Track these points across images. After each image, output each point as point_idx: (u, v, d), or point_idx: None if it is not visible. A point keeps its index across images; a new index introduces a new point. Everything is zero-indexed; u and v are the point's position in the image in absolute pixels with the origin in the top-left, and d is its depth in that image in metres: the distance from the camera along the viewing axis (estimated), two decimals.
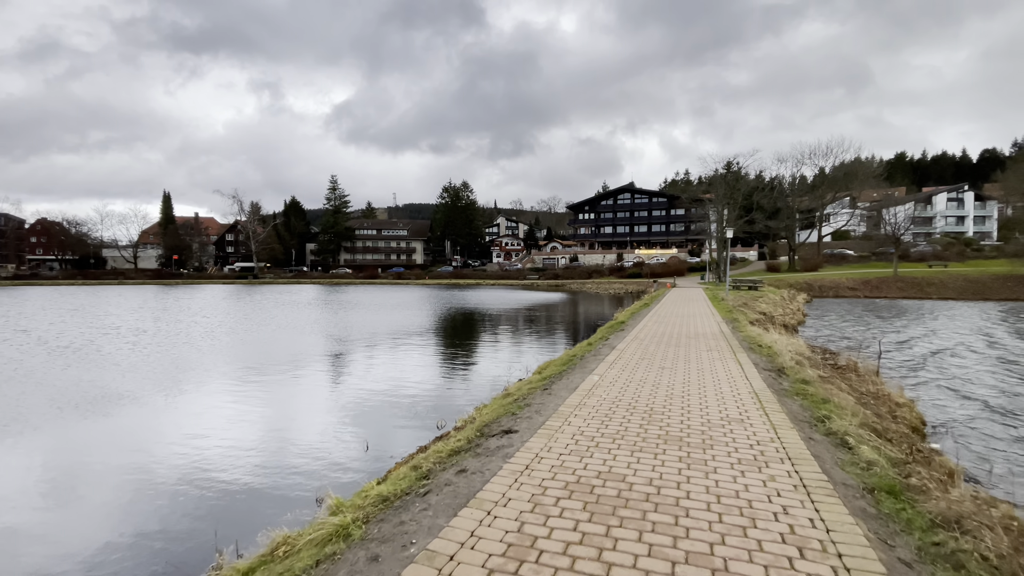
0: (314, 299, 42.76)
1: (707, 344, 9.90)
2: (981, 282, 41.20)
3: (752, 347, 9.66)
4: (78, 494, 6.12)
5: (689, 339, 10.61)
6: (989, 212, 76.46)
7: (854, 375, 8.19)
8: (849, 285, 45.40)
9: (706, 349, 9.22)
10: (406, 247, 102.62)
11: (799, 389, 6.18)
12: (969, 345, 16.86)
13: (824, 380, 7.09)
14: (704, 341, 10.36)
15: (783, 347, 9.42)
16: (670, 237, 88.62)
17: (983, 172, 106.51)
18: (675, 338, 10.81)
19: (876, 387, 7.64)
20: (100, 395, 10.37)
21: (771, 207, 61.65)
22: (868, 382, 7.69)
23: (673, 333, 11.65)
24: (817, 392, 5.92)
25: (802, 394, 5.98)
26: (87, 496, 6.06)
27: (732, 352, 8.87)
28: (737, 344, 9.83)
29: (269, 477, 6.34)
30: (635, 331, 12.09)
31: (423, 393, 10.85)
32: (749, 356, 8.56)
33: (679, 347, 9.44)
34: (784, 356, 8.40)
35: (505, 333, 21.81)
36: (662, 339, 10.67)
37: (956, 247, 65.60)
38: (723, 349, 9.23)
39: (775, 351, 8.96)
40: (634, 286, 58.06)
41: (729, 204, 53.36)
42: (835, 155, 64.30)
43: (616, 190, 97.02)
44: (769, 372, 7.27)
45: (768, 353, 8.90)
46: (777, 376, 7.03)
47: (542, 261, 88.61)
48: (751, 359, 8.23)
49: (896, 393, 7.50)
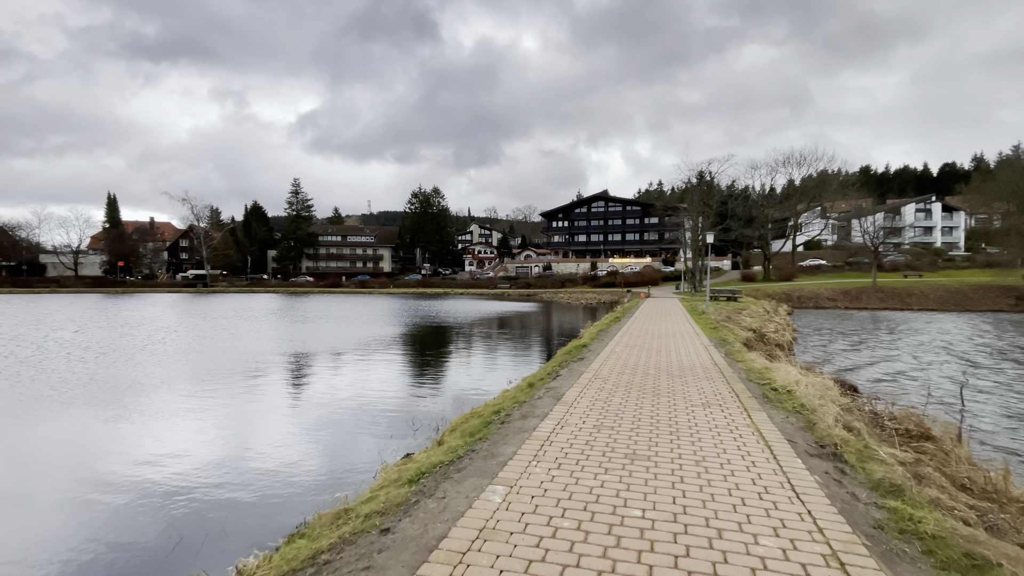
0: (248, 311, 38.45)
1: (699, 388, 6.78)
2: (961, 293, 39.88)
3: (765, 392, 6.58)
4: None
5: (672, 377, 7.48)
6: (956, 223, 77.14)
7: (933, 446, 5.19)
8: (828, 295, 43.68)
9: (699, 399, 6.09)
10: (373, 254, 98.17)
11: (903, 518, 3.04)
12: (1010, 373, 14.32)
13: (915, 475, 4.00)
14: (694, 380, 7.24)
15: (810, 394, 6.37)
16: (644, 246, 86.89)
17: (943, 185, 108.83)
18: (652, 375, 7.67)
19: (975, 472, 4.61)
20: None
21: (746, 215, 60.53)
22: (963, 464, 4.66)
23: (649, 366, 8.51)
24: (953, 539, 2.79)
25: (917, 534, 2.85)
26: None
27: (740, 405, 5.76)
28: (743, 387, 6.74)
29: (195, 507, 5.54)
30: (598, 361, 8.92)
31: (323, 448, 7.44)
32: (769, 413, 5.45)
33: (658, 396, 6.28)
34: (823, 415, 5.33)
35: (437, 359, 18.41)
36: (634, 378, 7.51)
37: (927, 257, 65.46)
38: (725, 399, 6.11)
39: (804, 403, 5.89)
40: (607, 296, 55.47)
41: (703, 212, 51.59)
42: (809, 163, 63.49)
43: (590, 198, 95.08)
44: (818, 458, 4.15)
45: (794, 406, 5.83)
46: (837, 470, 3.90)
47: (515, 269, 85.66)
48: (775, 423, 5.11)
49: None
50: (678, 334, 13.56)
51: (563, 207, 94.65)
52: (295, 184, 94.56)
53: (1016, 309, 36.20)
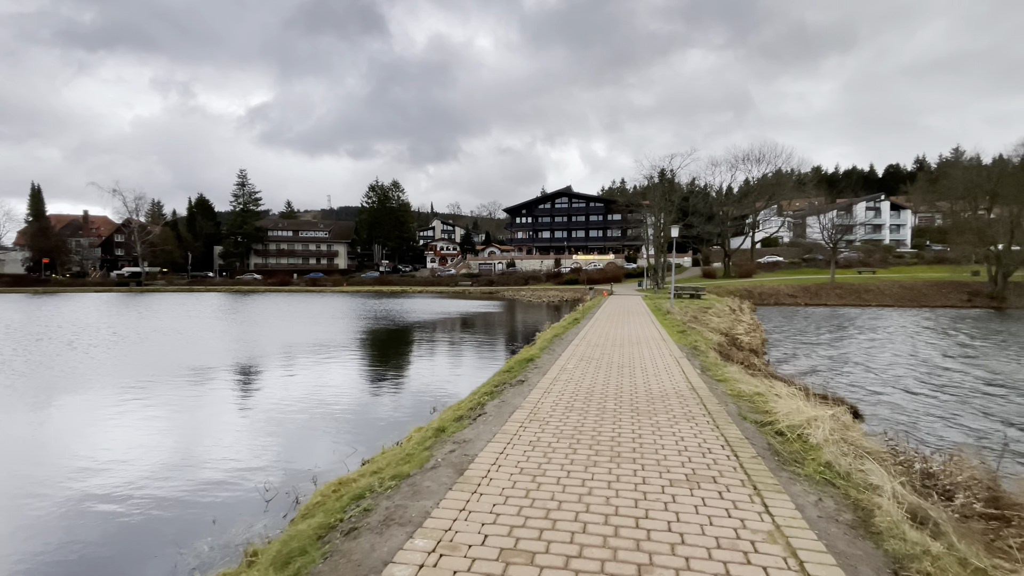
0: (160, 313, 34.58)
1: (676, 437, 4.77)
2: (916, 289, 40.34)
3: (770, 439, 4.63)
4: None
5: (638, 414, 5.44)
6: (903, 221, 79.95)
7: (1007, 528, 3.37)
8: (788, 292, 43.50)
9: (680, 464, 4.06)
10: (327, 251, 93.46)
11: None
12: None
13: None
14: (668, 421, 5.23)
15: (832, 441, 4.45)
16: (607, 243, 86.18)
17: (888, 185, 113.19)
18: (611, 412, 5.62)
19: None
20: None
21: (707, 211, 60.48)
22: None
23: (608, 393, 6.46)
24: None
25: None
26: None
27: (744, 475, 3.74)
28: (736, 433, 4.76)
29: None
30: (543, 385, 6.81)
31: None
32: (791, 491, 3.45)
33: (619, 459, 4.21)
34: (873, 494, 3.38)
35: (362, 372, 16.03)
36: (585, 419, 5.43)
37: (878, 253, 67.18)
38: (719, 460, 4.12)
39: (832, 463, 3.96)
40: (571, 293, 53.97)
41: (666, 209, 50.84)
42: (767, 161, 63.94)
43: (554, 194, 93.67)
44: None
45: (819, 470, 3.88)
46: None
47: (478, 266, 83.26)
48: (807, 518, 3.11)
49: None
50: (643, 341, 11.66)
51: (527, 203, 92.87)
52: (241, 176, 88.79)
53: (969, 305, 36.74)
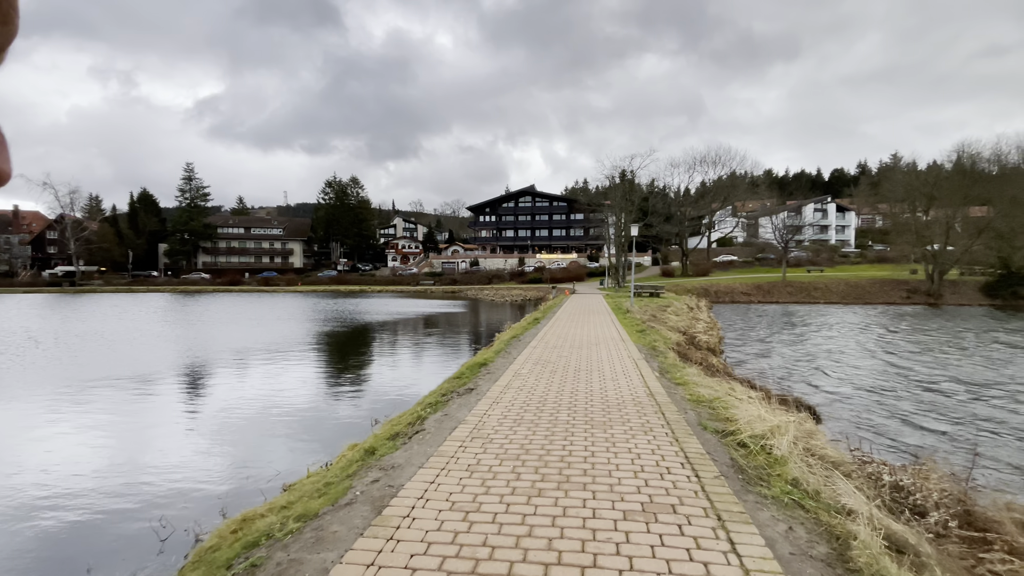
0: (106, 314, 32.04)
1: (633, 454, 4.32)
2: (860, 287, 42.27)
3: (732, 453, 4.23)
4: None
5: (592, 426, 4.96)
6: (848, 222, 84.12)
7: (1003, 547, 3.07)
8: (743, 290, 44.73)
9: (635, 490, 3.59)
10: (282, 248, 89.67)
11: None
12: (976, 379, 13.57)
13: None
14: (624, 435, 4.77)
15: (796, 453, 4.10)
16: (570, 242, 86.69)
17: (834, 188, 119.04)
18: (564, 424, 5.12)
19: None
20: None
21: (665, 212, 61.75)
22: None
23: (562, 402, 5.97)
24: None
25: None
26: None
27: (708, 503, 3.30)
28: (698, 447, 4.34)
29: None
30: (493, 394, 6.24)
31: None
32: (759, 521, 3.03)
33: (567, 485, 3.70)
34: (846, 520, 2.99)
35: (313, 381, 15.13)
36: (534, 433, 4.92)
37: (825, 252, 70.35)
38: (679, 483, 3.68)
39: (799, 480, 3.59)
40: (534, 292, 53.75)
41: (626, 209, 51.47)
42: (723, 163, 65.85)
43: (517, 192, 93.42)
44: None
45: (786, 491, 3.50)
46: None
47: (441, 265, 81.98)
48: (777, 553, 2.67)
49: None
50: (602, 342, 11.30)
51: (490, 201, 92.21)
52: (188, 170, 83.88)
53: (908, 302, 38.82)
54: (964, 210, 42.65)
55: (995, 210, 41.03)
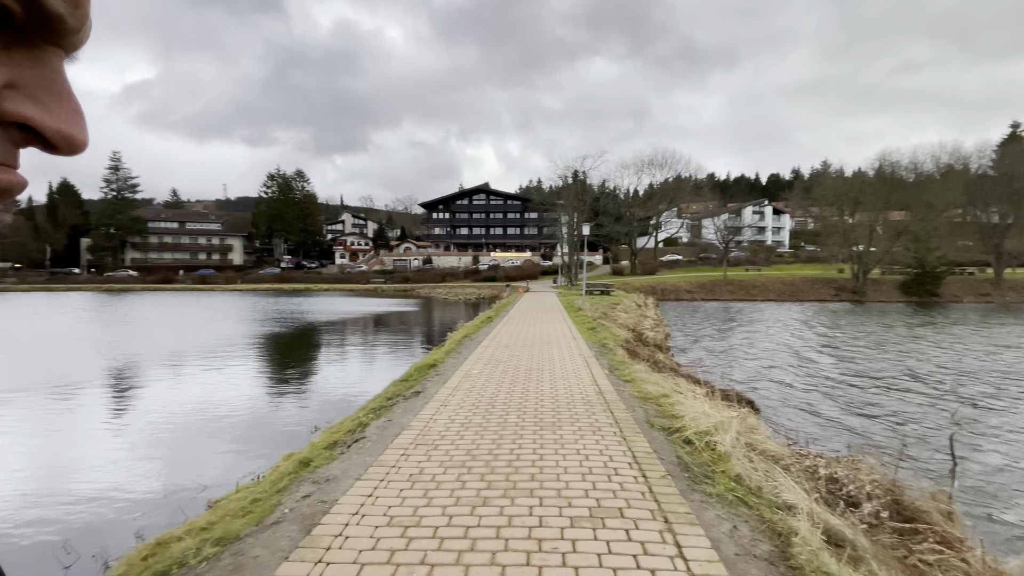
0: (10, 315, 29.11)
1: (581, 456, 4.25)
2: (794, 285, 44.98)
3: (678, 450, 4.25)
4: None
5: (542, 428, 4.85)
6: (783, 224, 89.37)
7: (934, 538, 3.22)
8: (687, 288, 46.50)
9: (583, 493, 3.51)
10: (220, 244, 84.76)
11: None
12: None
13: None
14: (573, 435, 4.70)
15: (739, 447, 4.17)
16: (525, 240, 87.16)
17: (770, 192, 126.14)
18: (512, 427, 5.00)
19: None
20: None
21: (616, 212, 63.31)
22: None
23: (511, 403, 5.84)
24: None
25: None
26: None
27: (655, 504, 3.26)
28: (645, 446, 4.33)
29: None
30: (441, 397, 6.03)
31: None
32: (704, 520, 3.01)
33: (513, 492, 3.57)
34: (788, 516, 3.03)
35: (250, 385, 14.39)
36: (481, 439, 4.77)
37: (762, 253, 74.43)
38: (626, 485, 3.63)
39: (742, 476, 3.63)
40: (488, 290, 53.62)
41: (579, 209, 52.34)
42: (669, 166, 68.23)
43: (472, 190, 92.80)
44: None
45: (729, 488, 3.52)
46: None
47: (393, 263, 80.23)
48: (722, 555, 2.64)
49: None
50: (554, 340, 11.31)
51: (444, 198, 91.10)
52: (114, 159, 77.69)
53: (836, 298, 41.71)
54: (885, 214, 46.33)
55: (912, 214, 44.84)
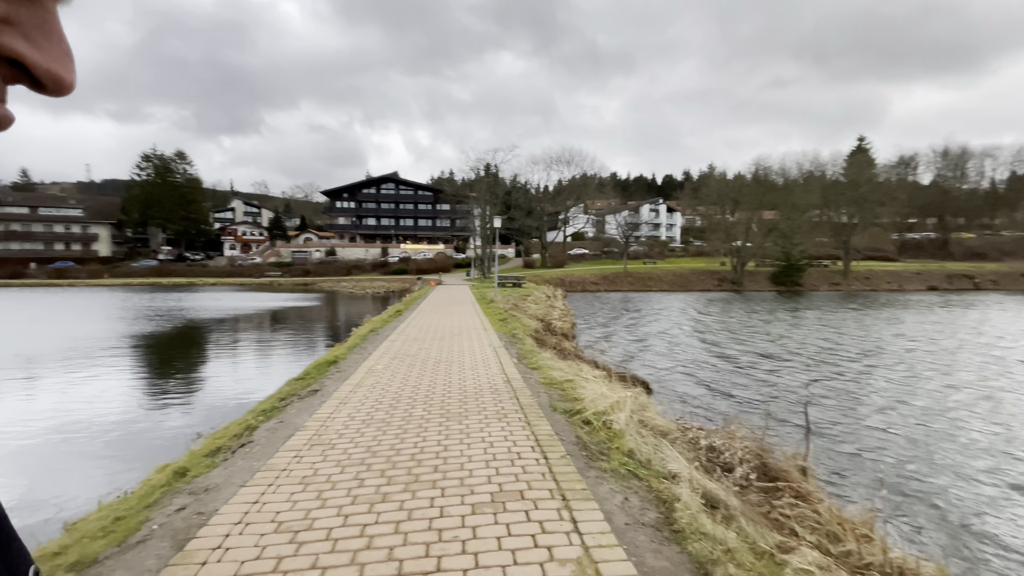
0: None
1: (486, 443, 4.29)
2: (684, 276, 49.19)
3: (578, 431, 4.44)
4: None
5: (448, 419, 4.81)
6: (675, 221, 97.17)
7: (792, 492, 3.70)
8: (592, 280, 48.91)
9: (487, 480, 3.54)
10: (83, 233, 73.34)
11: None
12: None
13: None
14: (479, 423, 4.72)
15: (632, 425, 4.46)
16: (436, 232, 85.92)
17: (665, 191, 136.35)
18: (418, 419, 4.90)
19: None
20: None
21: (527, 206, 64.72)
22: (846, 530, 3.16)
23: (418, 396, 5.73)
24: None
25: None
26: None
27: (555, 484, 3.37)
28: (548, 430, 4.48)
29: None
30: (342, 392, 5.74)
31: None
32: (599, 495, 3.17)
33: (415, 485, 3.51)
34: (672, 484, 3.30)
35: (121, 392, 12.86)
36: (383, 434, 4.63)
37: (657, 247, 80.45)
38: (528, 468, 3.72)
39: (634, 451, 3.87)
40: (399, 284, 52.14)
41: (491, 202, 52.69)
42: (576, 164, 71.06)
43: (380, 178, 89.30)
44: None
45: (623, 463, 3.74)
46: None
47: (291, 254, 74.91)
48: (614, 525, 2.81)
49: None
50: (464, 331, 11.28)
51: (349, 186, 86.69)
52: None
53: (719, 288, 46.33)
54: (759, 213, 52.20)
55: (780, 214, 51.00)
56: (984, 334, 19.14)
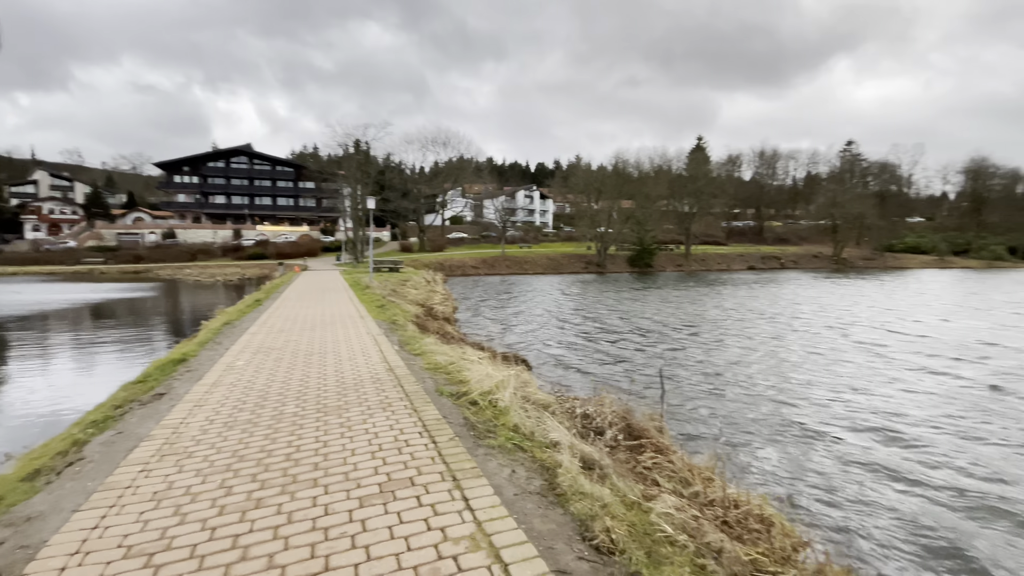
0: None
1: (370, 434, 4.16)
2: (556, 260, 52.17)
3: (465, 412, 4.51)
4: None
5: (325, 412, 4.54)
6: (548, 207, 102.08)
7: (653, 448, 4.21)
8: (472, 264, 49.47)
9: (373, 469, 3.45)
10: None
11: None
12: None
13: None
14: (361, 416, 4.54)
15: (515, 401, 4.68)
16: (300, 212, 79.06)
17: (538, 179, 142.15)
18: (291, 416, 4.55)
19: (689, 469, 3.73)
20: None
21: (402, 188, 62.68)
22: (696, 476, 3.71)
23: (290, 387, 5.30)
24: None
25: None
26: None
27: (445, 467, 3.40)
28: (435, 414, 4.48)
29: None
30: (195, 395, 5.06)
31: None
32: (489, 471, 3.29)
33: (293, 483, 3.28)
34: (555, 453, 3.55)
35: None
36: (251, 433, 4.24)
37: (532, 232, 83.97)
38: (417, 454, 3.70)
39: (518, 425, 4.07)
40: (256, 270, 47.19)
41: (363, 181, 49.91)
42: (452, 146, 70.52)
43: (230, 150, 78.99)
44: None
45: (509, 438, 3.91)
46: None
47: (117, 237, 63.37)
48: (504, 498, 2.95)
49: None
50: (339, 320, 10.66)
51: (191, 158, 75.34)
52: None
53: (586, 271, 50.08)
54: (619, 202, 57.21)
55: (636, 203, 56.54)
56: (786, 302, 23.60)
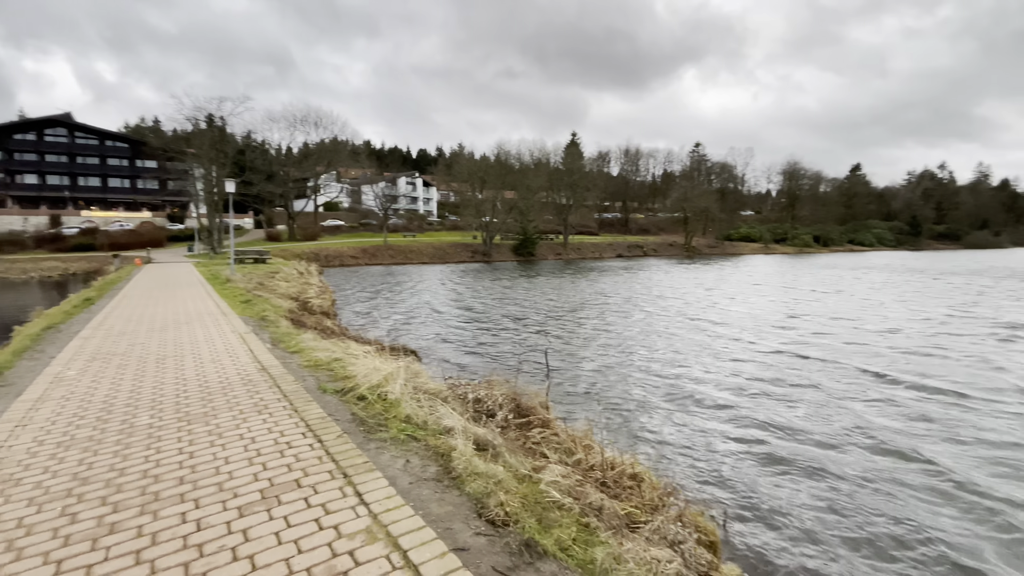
0: None
1: (243, 433, 3.84)
2: (442, 249, 51.79)
3: (353, 408, 4.36)
4: None
5: (188, 421, 4.06)
6: (431, 195, 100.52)
7: (540, 423, 4.48)
8: (351, 254, 47.00)
9: (250, 473, 3.18)
10: None
11: None
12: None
13: None
14: (233, 421, 4.15)
15: (406, 393, 4.65)
16: (139, 196, 67.75)
17: (420, 165, 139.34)
18: (145, 428, 4.00)
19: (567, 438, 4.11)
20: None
21: (267, 170, 56.81)
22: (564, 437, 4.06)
23: (141, 397, 4.62)
24: None
25: None
26: None
27: (332, 463, 3.28)
28: (318, 413, 4.25)
29: None
30: (15, 414, 4.17)
31: None
32: (383, 465, 3.25)
33: (154, 502, 2.91)
34: (449, 439, 3.63)
35: None
36: (94, 453, 3.65)
37: (416, 220, 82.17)
38: (299, 451, 3.52)
39: (411, 416, 4.07)
40: (83, 264, 39.66)
41: (218, 161, 44.18)
42: (325, 127, 65.75)
43: (44, 120, 64.51)
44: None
45: (400, 428, 3.91)
46: None
47: None
48: (412, 504, 2.96)
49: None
50: (196, 319, 9.47)
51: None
52: None
53: (472, 259, 50.50)
54: (502, 192, 58.46)
55: (518, 194, 58.25)
56: (651, 286, 26.37)
